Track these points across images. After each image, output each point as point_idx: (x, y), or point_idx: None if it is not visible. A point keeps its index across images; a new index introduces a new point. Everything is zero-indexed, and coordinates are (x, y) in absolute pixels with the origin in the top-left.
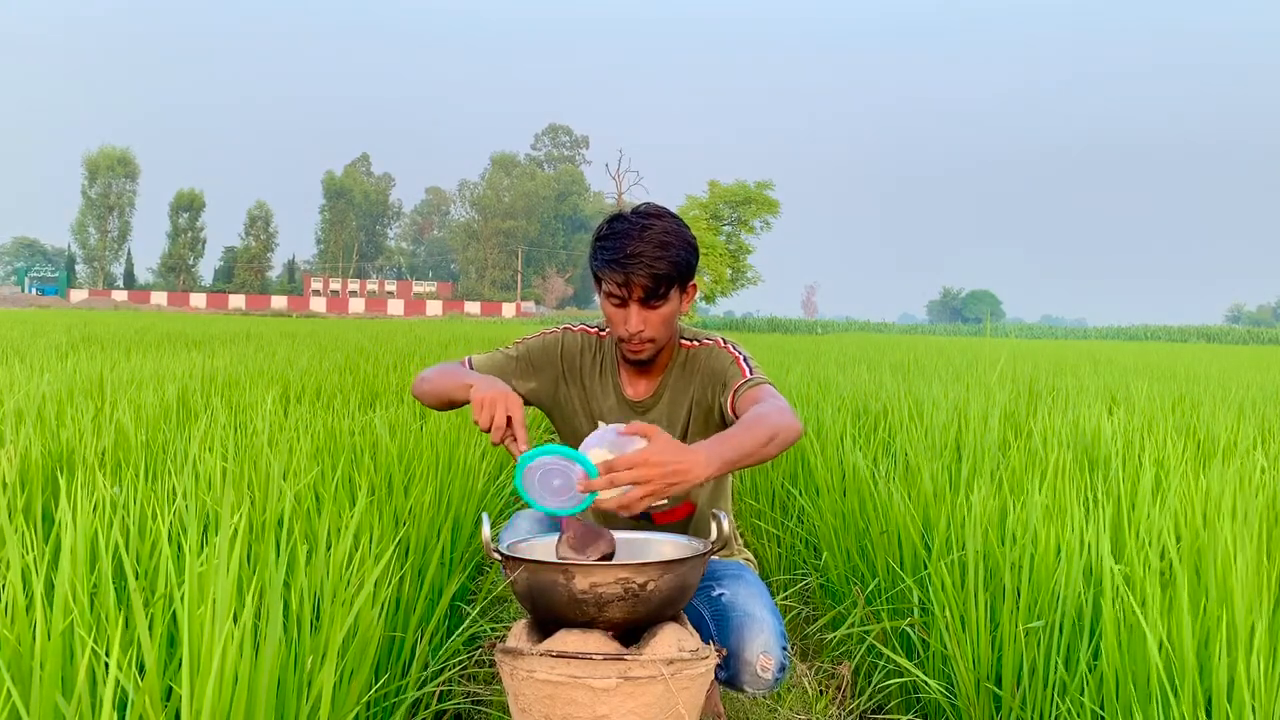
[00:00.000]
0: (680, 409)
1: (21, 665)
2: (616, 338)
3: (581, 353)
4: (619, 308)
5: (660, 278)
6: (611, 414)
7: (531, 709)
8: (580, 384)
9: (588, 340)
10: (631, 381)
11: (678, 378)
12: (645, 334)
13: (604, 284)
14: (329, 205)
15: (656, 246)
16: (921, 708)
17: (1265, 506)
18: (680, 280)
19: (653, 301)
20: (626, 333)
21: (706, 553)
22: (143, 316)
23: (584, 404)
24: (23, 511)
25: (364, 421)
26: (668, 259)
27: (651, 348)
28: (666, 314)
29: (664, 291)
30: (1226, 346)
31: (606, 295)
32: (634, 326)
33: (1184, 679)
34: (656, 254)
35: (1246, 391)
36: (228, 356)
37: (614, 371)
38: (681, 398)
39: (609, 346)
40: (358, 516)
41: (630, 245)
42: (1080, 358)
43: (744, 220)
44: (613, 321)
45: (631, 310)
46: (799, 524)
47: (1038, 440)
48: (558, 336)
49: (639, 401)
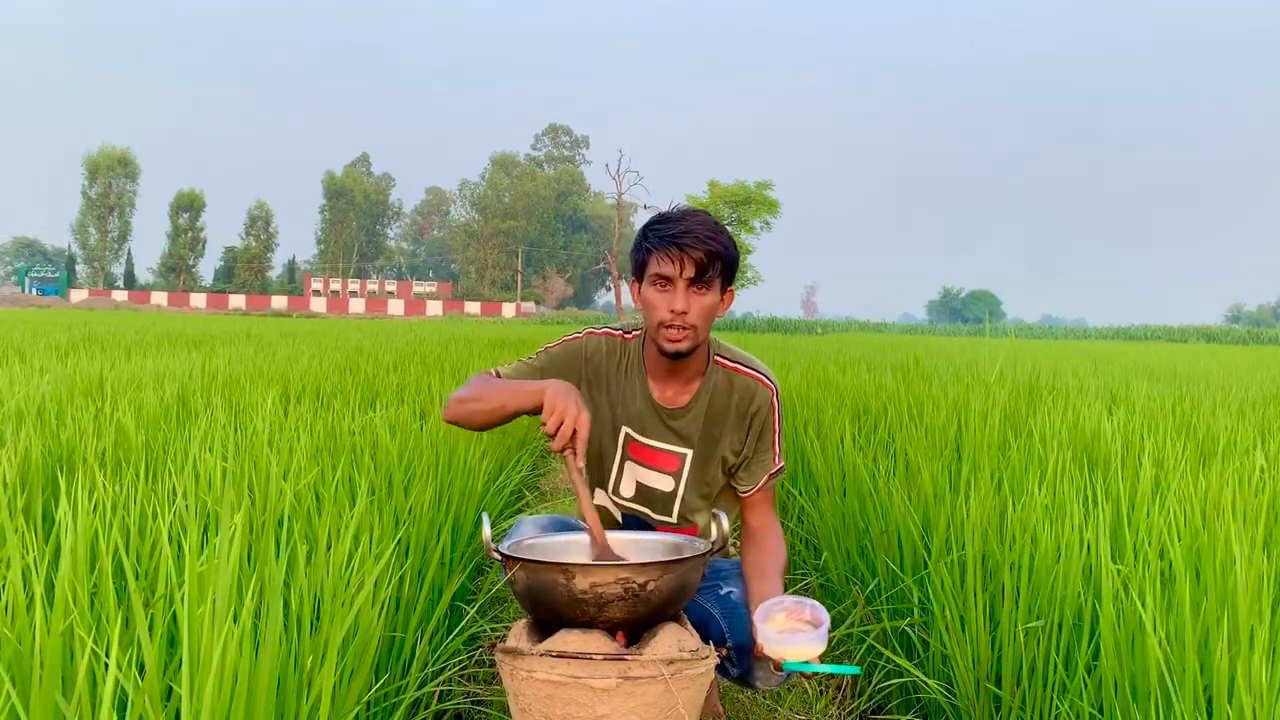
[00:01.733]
0: (715, 428)
1: (21, 665)
2: (656, 324)
3: (607, 356)
4: (664, 290)
5: (712, 255)
6: (640, 417)
7: (531, 709)
8: (606, 388)
9: (612, 343)
10: (659, 385)
11: (717, 395)
12: (689, 318)
13: (650, 268)
14: (329, 205)
15: (709, 229)
16: (921, 708)
17: (1265, 506)
18: (725, 273)
19: (700, 283)
20: (670, 315)
21: (706, 553)
22: (143, 316)
23: (611, 408)
24: (23, 511)
25: (364, 421)
26: (720, 240)
27: (691, 337)
28: (708, 304)
29: (711, 275)
30: (1226, 346)
31: (653, 279)
32: (680, 306)
33: (1184, 679)
34: (709, 233)
35: (1246, 391)
36: (228, 356)
37: (641, 374)
38: (718, 419)
39: (635, 349)
40: (358, 516)
41: (684, 224)
42: (1080, 357)
43: (744, 220)
44: (655, 306)
45: (679, 290)
46: (799, 524)
47: (1037, 440)
48: (581, 341)
49: (671, 409)
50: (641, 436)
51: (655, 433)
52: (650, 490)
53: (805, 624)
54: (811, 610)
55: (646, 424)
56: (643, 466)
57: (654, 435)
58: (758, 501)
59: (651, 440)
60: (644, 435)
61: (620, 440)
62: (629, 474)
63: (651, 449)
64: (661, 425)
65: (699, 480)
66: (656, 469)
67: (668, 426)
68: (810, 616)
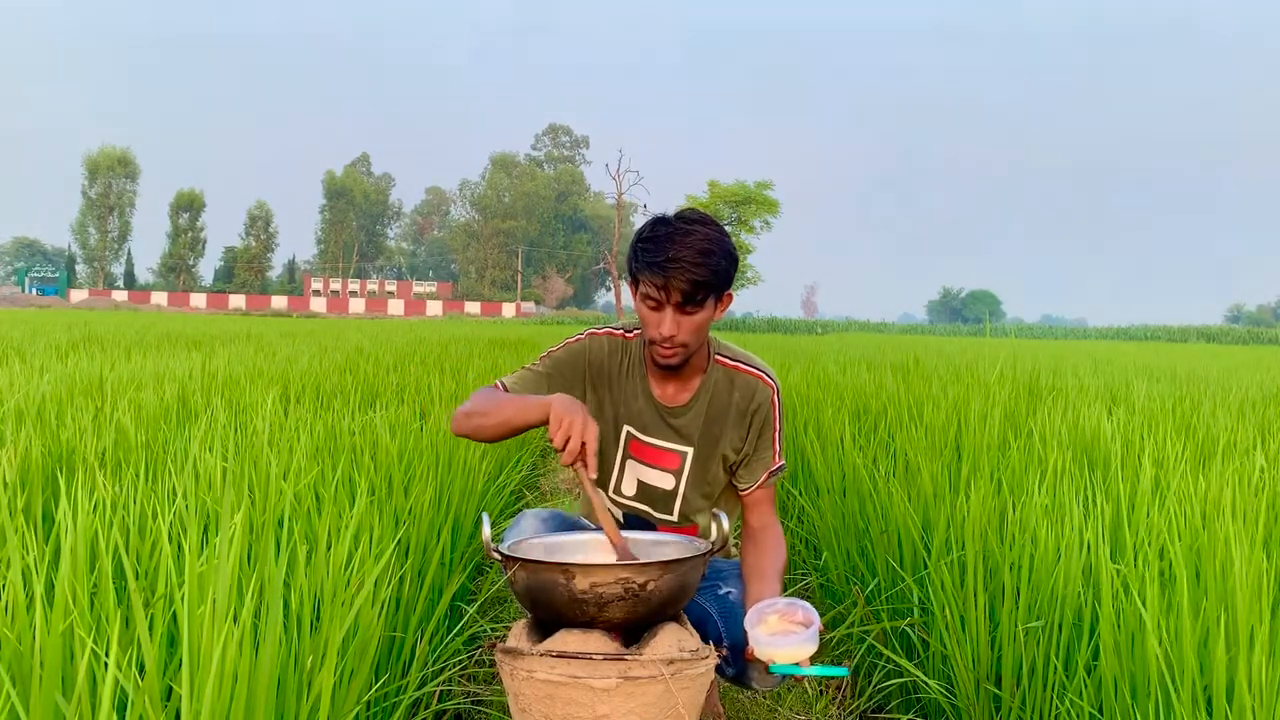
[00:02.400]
0: (715, 426)
1: (21, 665)
2: (648, 339)
3: (609, 356)
4: (654, 310)
5: (699, 284)
6: (641, 416)
7: (531, 709)
8: (609, 387)
9: (614, 343)
10: (660, 384)
11: (717, 394)
12: (678, 339)
13: (641, 285)
14: (329, 205)
15: (698, 254)
16: (921, 708)
17: (1265, 506)
18: (718, 289)
19: (689, 307)
20: (659, 336)
21: (706, 553)
22: (143, 316)
23: (614, 407)
24: (23, 511)
25: (364, 421)
26: (708, 266)
27: (683, 353)
28: (700, 321)
29: (701, 299)
30: (1226, 346)
31: (643, 297)
32: (667, 331)
33: (1184, 679)
34: (697, 260)
35: (1246, 391)
36: (227, 356)
37: (642, 373)
38: (719, 417)
39: (636, 348)
40: (357, 516)
41: (672, 249)
42: (1080, 357)
43: (744, 220)
44: (646, 324)
45: (667, 314)
46: (799, 524)
47: (1037, 440)
48: (584, 343)
49: (671, 408)
50: (643, 435)
51: (656, 431)
52: (651, 489)
53: (798, 625)
54: (804, 612)
55: (648, 422)
56: (644, 465)
57: (655, 433)
58: (758, 501)
59: (652, 438)
60: (645, 433)
61: (622, 439)
62: (630, 472)
63: (653, 447)
64: (662, 423)
65: (700, 479)
66: (657, 467)
67: (668, 425)
68: (802, 618)
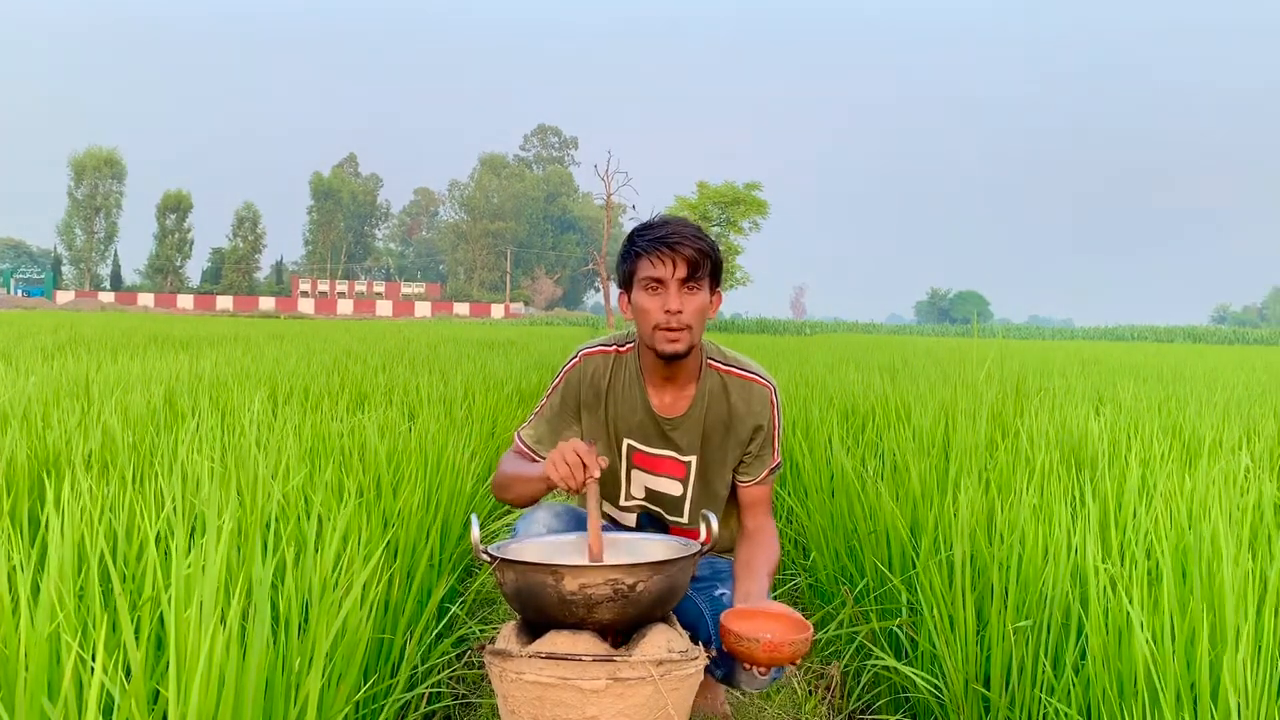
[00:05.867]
0: (715, 434)
1: (7, 669)
2: (651, 328)
3: (603, 374)
4: (657, 293)
5: (702, 253)
6: (642, 428)
7: (520, 710)
8: (605, 404)
9: (607, 359)
10: (658, 393)
11: (714, 401)
12: (684, 318)
13: (641, 272)
14: (317, 206)
15: (694, 230)
16: (910, 708)
17: (1251, 505)
18: (713, 273)
19: (692, 281)
20: (664, 316)
21: (696, 554)
22: (130, 318)
23: (614, 422)
24: (9, 514)
25: (352, 423)
26: (706, 241)
27: (688, 337)
28: (701, 304)
29: (702, 274)
30: (1212, 347)
31: (644, 283)
32: (674, 305)
33: (1169, 678)
34: (696, 234)
35: (1231, 391)
36: (215, 358)
37: (640, 384)
38: (718, 424)
39: (630, 360)
40: (346, 518)
41: (670, 227)
42: (1067, 358)
43: (733, 221)
44: (648, 310)
45: (671, 290)
46: (787, 525)
47: (1025, 440)
48: (578, 369)
49: (669, 419)
50: (644, 446)
51: (657, 442)
52: (660, 495)
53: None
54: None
55: (648, 434)
56: (650, 474)
57: (656, 445)
58: (755, 500)
59: (654, 449)
60: (647, 445)
61: (624, 451)
62: (637, 481)
63: (655, 457)
64: (661, 435)
65: (706, 484)
66: (664, 475)
67: (666, 436)
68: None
